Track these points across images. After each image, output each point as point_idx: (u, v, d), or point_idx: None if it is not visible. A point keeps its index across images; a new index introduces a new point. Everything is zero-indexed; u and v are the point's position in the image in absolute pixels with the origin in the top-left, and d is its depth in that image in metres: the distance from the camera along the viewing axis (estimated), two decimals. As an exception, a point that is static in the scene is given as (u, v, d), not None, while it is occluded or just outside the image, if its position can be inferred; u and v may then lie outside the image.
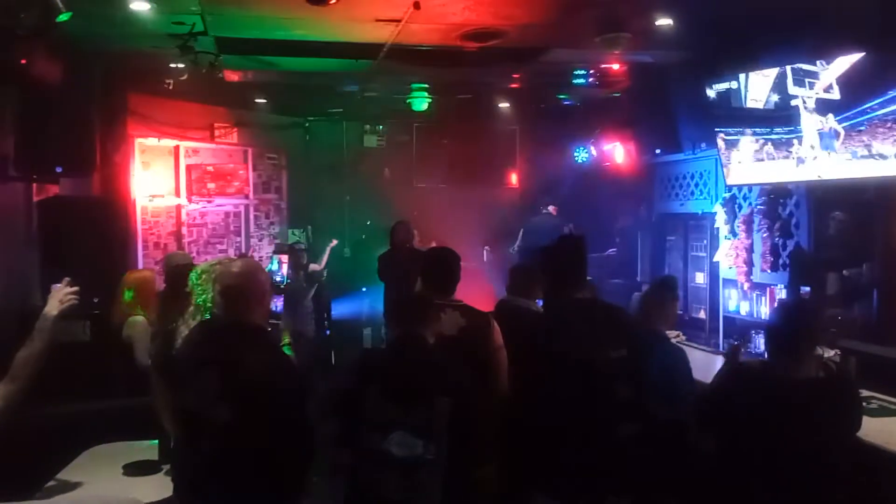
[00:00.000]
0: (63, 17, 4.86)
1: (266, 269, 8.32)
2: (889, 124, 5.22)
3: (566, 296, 3.78)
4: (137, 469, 3.92)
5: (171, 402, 3.43)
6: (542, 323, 4.02)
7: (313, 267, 9.14)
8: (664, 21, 6.03)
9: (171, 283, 4.91)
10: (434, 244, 7.72)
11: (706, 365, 5.80)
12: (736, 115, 6.49)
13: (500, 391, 3.93)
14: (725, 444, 3.54)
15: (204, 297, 3.60)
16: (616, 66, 7.87)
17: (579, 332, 3.61)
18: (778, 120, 6.10)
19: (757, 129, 6.34)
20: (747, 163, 6.48)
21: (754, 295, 6.97)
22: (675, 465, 3.95)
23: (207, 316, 3.52)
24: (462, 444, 3.37)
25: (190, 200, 9.69)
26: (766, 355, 3.65)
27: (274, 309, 4.31)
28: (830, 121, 5.61)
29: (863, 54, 5.28)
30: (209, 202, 9.87)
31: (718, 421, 3.61)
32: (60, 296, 3.33)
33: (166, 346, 3.64)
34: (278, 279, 9.07)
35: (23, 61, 5.00)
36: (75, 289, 3.37)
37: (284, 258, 9.39)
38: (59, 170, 6.36)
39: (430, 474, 3.30)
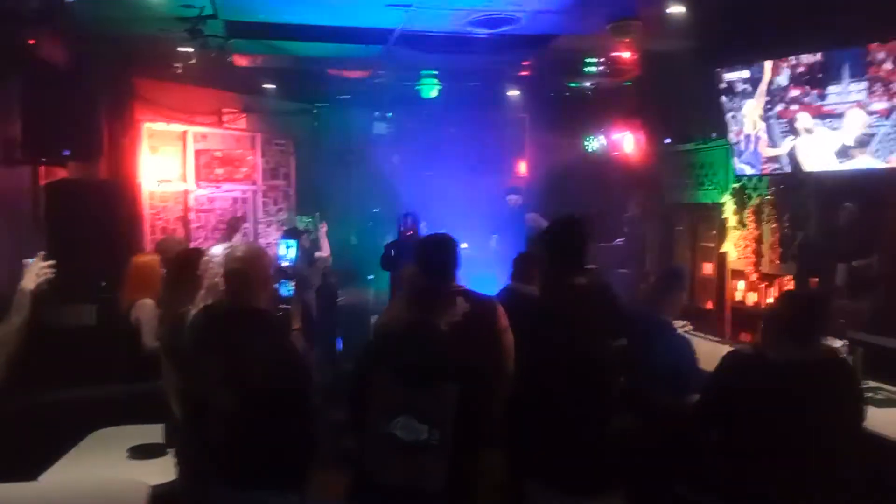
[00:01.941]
0: None
1: (275, 254, 8.34)
2: None
3: (562, 282, 3.63)
4: (142, 452, 3.92)
5: (178, 385, 3.44)
6: (535, 309, 3.88)
7: (318, 254, 9.13)
8: (675, 9, 5.99)
9: (174, 267, 4.91)
10: None
11: (713, 355, 5.78)
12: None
13: (508, 373, 3.91)
14: (727, 431, 3.54)
15: (215, 280, 3.58)
16: (626, 55, 7.83)
17: (574, 320, 3.50)
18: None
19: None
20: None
21: (763, 285, 6.94)
22: (679, 453, 3.94)
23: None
24: (469, 431, 3.35)
25: (198, 186, 9.67)
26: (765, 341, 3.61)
27: (285, 293, 4.29)
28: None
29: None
30: (217, 188, 9.86)
31: (719, 408, 3.61)
32: (36, 269, 3.35)
33: (175, 330, 3.64)
34: (286, 264, 9.06)
35: (31, 42, 4.99)
36: (51, 262, 3.39)
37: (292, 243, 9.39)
38: (66, 153, 6.35)
39: (434, 459, 3.28)
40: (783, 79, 6.05)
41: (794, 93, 6.01)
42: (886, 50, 5.32)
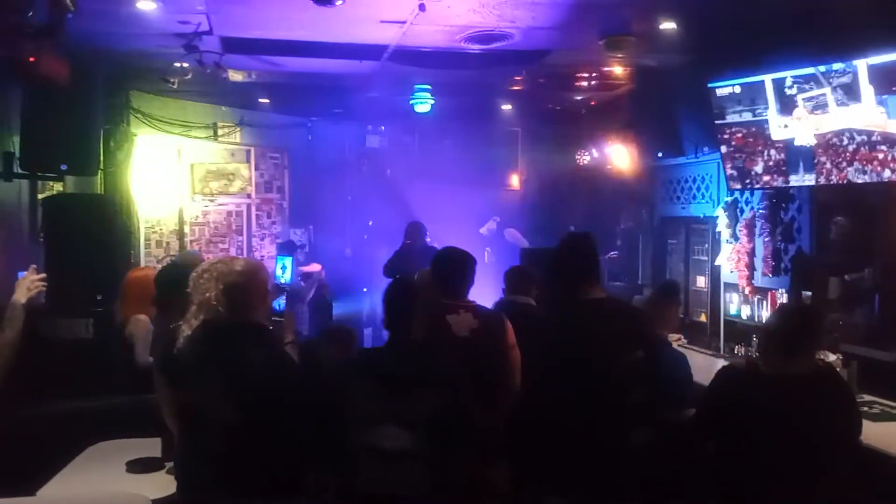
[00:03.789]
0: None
1: (271, 271, 8.36)
2: None
3: (580, 296, 3.69)
4: (140, 466, 3.92)
5: (173, 400, 3.44)
6: (551, 323, 3.92)
7: (311, 268, 9.17)
8: (668, 24, 6.04)
9: (160, 284, 4.91)
10: None
11: (707, 368, 5.82)
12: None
13: (514, 390, 3.92)
14: (723, 445, 3.56)
15: (207, 295, 3.58)
16: (619, 69, 7.88)
17: (594, 333, 3.55)
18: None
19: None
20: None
21: (756, 299, 6.97)
22: (678, 468, 3.96)
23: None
24: (454, 438, 3.34)
25: (192, 199, 9.68)
26: (758, 354, 3.66)
27: (277, 307, 4.29)
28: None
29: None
30: (211, 201, 9.87)
31: (714, 422, 3.63)
32: (27, 283, 3.38)
33: (169, 345, 3.64)
34: (283, 282, 9.07)
35: (31, 59, 5.00)
36: (42, 276, 3.41)
37: (288, 262, 9.41)
38: (63, 168, 6.37)
39: (416, 467, 3.28)
40: (776, 92, 6.09)
41: (787, 106, 6.04)
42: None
